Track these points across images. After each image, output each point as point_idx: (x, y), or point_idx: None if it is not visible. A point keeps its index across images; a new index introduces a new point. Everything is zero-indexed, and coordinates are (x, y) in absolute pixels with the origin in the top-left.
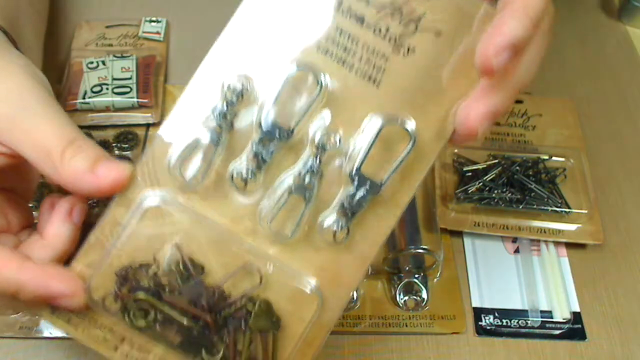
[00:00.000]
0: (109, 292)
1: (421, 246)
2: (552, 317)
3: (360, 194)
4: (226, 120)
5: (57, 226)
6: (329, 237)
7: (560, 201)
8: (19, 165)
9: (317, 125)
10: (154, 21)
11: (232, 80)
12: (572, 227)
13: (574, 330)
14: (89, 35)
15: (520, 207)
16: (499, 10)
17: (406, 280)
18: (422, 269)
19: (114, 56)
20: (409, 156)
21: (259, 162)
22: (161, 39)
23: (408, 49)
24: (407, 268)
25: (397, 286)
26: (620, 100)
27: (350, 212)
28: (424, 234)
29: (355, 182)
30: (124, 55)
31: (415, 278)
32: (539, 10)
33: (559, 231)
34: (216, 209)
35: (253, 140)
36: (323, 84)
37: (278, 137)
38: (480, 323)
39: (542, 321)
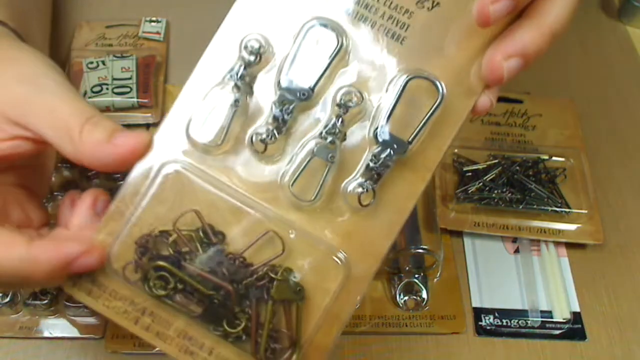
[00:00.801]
0: (129, 261)
1: (421, 246)
2: (552, 317)
3: (385, 152)
4: (244, 81)
5: (81, 216)
6: (354, 202)
7: (560, 201)
8: (39, 155)
9: (338, 85)
10: (154, 21)
11: (250, 39)
12: (572, 227)
13: (574, 330)
14: (89, 35)
15: (520, 207)
16: None
17: (406, 280)
18: (422, 269)
19: (114, 56)
20: (437, 113)
21: (279, 123)
22: (161, 39)
23: (433, 3)
24: (407, 268)
25: (397, 286)
26: (620, 100)
27: (376, 173)
28: (424, 234)
29: (381, 140)
30: (124, 55)
31: (415, 278)
32: None
33: (559, 231)
34: (236, 176)
35: (274, 102)
36: (343, 42)
37: (297, 97)
38: (480, 323)
39: (542, 321)
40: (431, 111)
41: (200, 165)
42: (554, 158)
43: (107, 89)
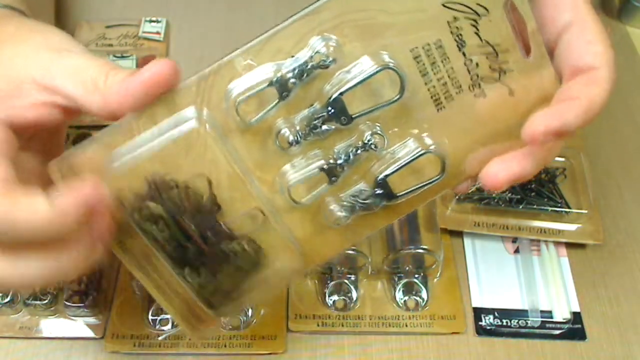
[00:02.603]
0: (128, 187)
1: (421, 246)
2: (552, 317)
3: (376, 198)
4: (302, 80)
5: None
6: (330, 219)
7: (560, 201)
8: (55, 132)
9: (371, 122)
10: (154, 21)
11: (323, 45)
12: (572, 227)
13: (574, 330)
14: (89, 35)
15: (520, 207)
16: (566, 80)
17: (406, 280)
18: (422, 269)
19: (114, 56)
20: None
21: (309, 132)
22: (161, 39)
23: (481, 92)
24: (407, 268)
25: (397, 286)
26: (620, 101)
27: (358, 206)
28: (424, 234)
29: (377, 188)
30: (124, 55)
31: (415, 278)
32: (600, 110)
33: (559, 231)
34: (249, 149)
35: (315, 111)
36: (402, 97)
37: (340, 120)
38: (480, 323)
39: (542, 321)
40: (426, 183)
41: (221, 126)
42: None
43: None
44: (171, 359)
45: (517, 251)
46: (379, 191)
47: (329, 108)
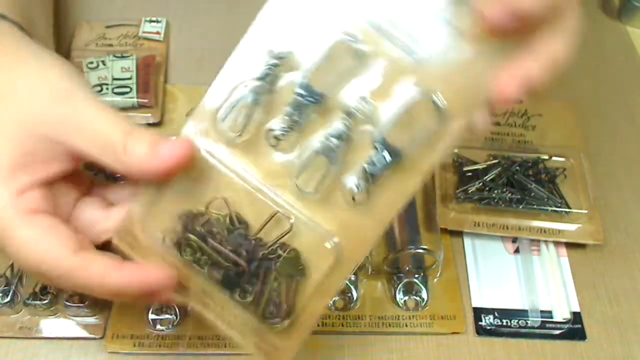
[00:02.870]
0: (168, 230)
1: (421, 246)
2: (552, 317)
3: (382, 161)
4: (267, 82)
5: (92, 211)
6: (348, 197)
7: (560, 201)
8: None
9: (349, 93)
10: (154, 21)
11: (277, 45)
12: (572, 227)
13: (574, 330)
14: (89, 35)
15: (520, 207)
16: None
17: (406, 280)
18: (422, 269)
19: (114, 56)
20: (435, 130)
21: (293, 123)
22: (161, 39)
23: (457, 30)
24: (407, 268)
25: (397, 286)
26: (620, 100)
27: (370, 175)
28: (424, 234)
29: (379, 150)
30: (124, 55)
31: (415, 278)
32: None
33: (559, 231)
34: (253, 163)
35: (290, 102)
36: (365, 59)
37: (313, 102)
38: (480, 323)
39: (542, 321)
40: (430, 131)
41: (224, 151)
42: (554, 158)
43: (107, 89)
44: (171, 359)
45: (517, 251)
46: (382, 153)
47: (300, 93)
